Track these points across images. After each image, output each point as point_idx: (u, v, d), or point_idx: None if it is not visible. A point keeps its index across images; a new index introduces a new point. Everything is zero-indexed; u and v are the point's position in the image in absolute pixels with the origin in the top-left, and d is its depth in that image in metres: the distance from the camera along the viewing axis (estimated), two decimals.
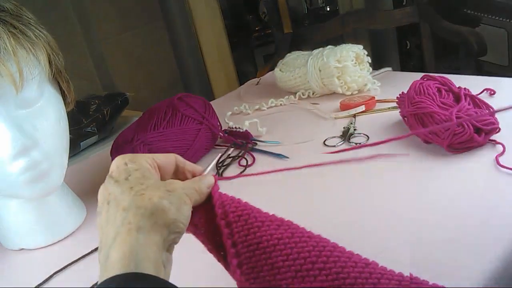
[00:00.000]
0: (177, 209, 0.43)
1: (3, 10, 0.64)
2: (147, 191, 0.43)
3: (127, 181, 0.44)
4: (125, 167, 0.46)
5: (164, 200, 0.42)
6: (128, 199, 0.42)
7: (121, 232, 0.41)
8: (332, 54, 1.07)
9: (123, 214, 0.42)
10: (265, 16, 2.75)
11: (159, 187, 0.44)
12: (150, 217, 0.41)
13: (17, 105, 0.67)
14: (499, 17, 1.85)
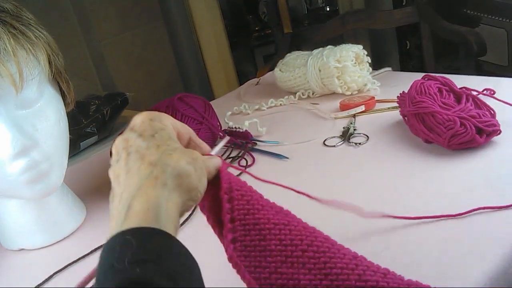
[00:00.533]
0: (199, 178, 0.44)
1: (3, 10, 0.64)
2: (175, 153, 0.43)
3: (153, 138, 0.44)
4: (151, 123, 0.46)
5: (190, 166, 0.43)
6: (156, 155, 0.42)
7: (146, 184, 0.40)
8: (332, 54, 1.07)
9: (150, 168, 0.41)
10: (265, 16, 2.75)
11: (185, 152, 0.44)
12: (177, 178, 0.42)
13: (17, 105, 0.67)
14: (499, 17, 1.85)
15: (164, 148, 0.43)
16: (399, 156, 0.78)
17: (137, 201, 0.39)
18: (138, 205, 0.39)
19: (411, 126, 0.82)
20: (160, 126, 0.46)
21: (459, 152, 0.74)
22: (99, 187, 0.95)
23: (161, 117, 0.47)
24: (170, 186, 0.41)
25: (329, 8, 2.64)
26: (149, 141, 0.44)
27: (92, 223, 0.83)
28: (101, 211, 0.85)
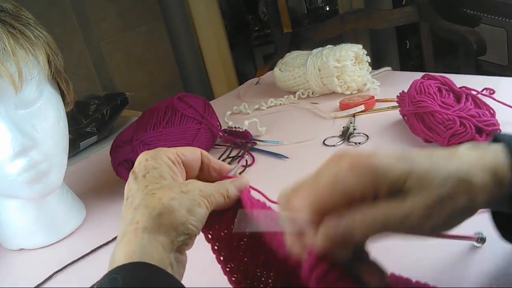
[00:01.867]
0: (188, 211, 0.42)
1: (2, 10, 0.64)
2: (159, 191, 0.43)
3: (144, 179, 0.44)
4: (146, 163, 0.46)
5: (175, 201, 0.42)
6: (140, 198, 0.43)
7: (128, 231, 0.41)
8: (331, 53, 1.07)
9: (133, 213, 0.42)
10: (264, 16, 2.75)
11: (172, 187, 0.43)
12: (157, 218, 0.41)
13: (17, 105, 0.67)
14: (499, 16, 1.86)
15: (150, 188, 0.43)
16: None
17: (119, 250, 0.41)
18: (120, 254, 0.40)
19: (411, 126, 0.82)
20: (153, 165, 0.45)
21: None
22: (99, 187, 0.95)
23: (158, 154, 0.47)
24: (151, 229, 0.40)
25: (328, 7, 2.64)
26: (139, 183, 0.44)
27: (92, 223, 0.83)
28: (101, 211, 0.85)
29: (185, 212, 0.42)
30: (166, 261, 0.40)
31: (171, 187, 0.43)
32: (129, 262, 0.38)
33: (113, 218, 0.82)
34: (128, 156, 0.85)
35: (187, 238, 0.42)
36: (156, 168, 0.45)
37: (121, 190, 0.89)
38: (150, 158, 0.46)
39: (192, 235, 0.43)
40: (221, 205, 0.46)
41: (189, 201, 0.43)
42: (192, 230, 0.42)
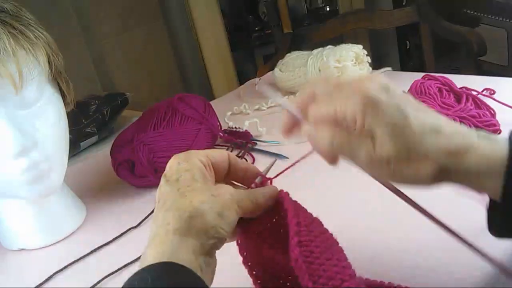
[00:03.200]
0: (218, 214, 0.42)
1: (2, 10, 0.64)
2: (190, 194, 0.43)
3: (176, 182, 0.44)
4: (177, 167, 0.46)
5: (205, 204, 0.42)
6: (171, 200, 0.43)
7: (159, 232, 0.41)
8: (331, 54, 1.07)
9: (165, 215, 0.42)
10: (265, 16, 2.75)
11: (204, 190, 0.44)
12: (187, 220, 0.41)
13: (17, 105, 0.67)
14: (499, 17, 1.86)
15: (182, 190, 0.43)
16: None
17: (150, 250, 0.41)
18: (150, 254, 0.40)
19: None
20: (186, 167, 0.45)
21: None
22: (99, 187, 0.95)
23: (189, 157, 0.47)
24: (181, 231, 0.41)
25: (329, 8, 2.64)
26: (172, 186, 0.44)
27: (92, 223, 0.83)
28: (101, 211, 0.85)
29: (215, 216, 0.42)
30: (195, 263, 0.40)
31: (202, 190, 0.44)
32: (159, 262, 0.39)
33: (113, 218, 0.82)
34: (128, 156, 0.85)
35: (216, 241, 0.42)
36: (188, 170, 0.45)
37: (121, 190, 0.90)
38: (182, 161, 0.46)
39: (222, 239, 0.43)
40: (251, 212, 0.46)
41: (220, 205, 0.43)
42: (222, 234, 0.42)
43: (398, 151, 0.42)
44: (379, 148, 0.42)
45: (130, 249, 0.71)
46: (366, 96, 0.42)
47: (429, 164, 0.42)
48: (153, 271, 0.38)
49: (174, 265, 0.39)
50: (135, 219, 0.79)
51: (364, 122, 0.43)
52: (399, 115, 0.42)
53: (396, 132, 0.42)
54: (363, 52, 1.08)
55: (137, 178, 0.85)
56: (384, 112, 0.42)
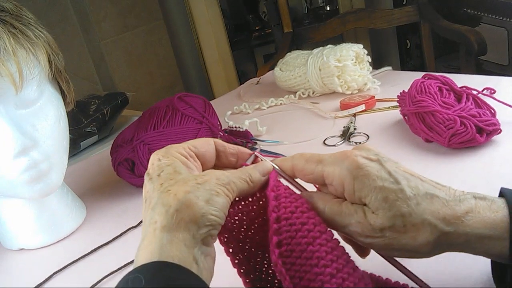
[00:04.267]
0: (206, 201, 0.41)
1: (3, 10, 0.64)
2: (174, 187, 0.42)
3: (159, 178, 0.44)
4: (158, 163, 0.45)
5: (190, 194, 0.41)
6: (156, 197, 0.42)
7: (148, 232, 0.41)
8: (332, 53, 1.07)
9: (151, 213, 0.41)
10: (265, 16, 2.75)
11: (187, 180, 0.43)
12: (174, 215, 0.40)
13: (17, 105, 0.67)
14: (499, 16, 1.85)
15: (165, 185, 0.42)
16: (399, 155, 0.78)
17: (141, 251, 0.40)
18: (141, 255, 0.40)
19: (411, 125, 0.82)
20: (167, 162, 0.45)
21: (459, 151, 0.74)
22: (99, 187, 0.95)
23: (169, 152, 0.46)
24: (169, 227, 0.40)
25: (329, 7, 2.64)
26: (155, 183, 0.43)
27: (92, 222, 0.83)
28: (101, 211, 0.85)
29: (203, 204, 0.41)
30: (189, 258, 0.39)
31: (185, 180, 0.43)
32: (151, 262, 0.38)
33: (113, 218, 0.82)
34: (128, 155, 0.85)
35: (210, 229, 0.41)
36: (170, 164, 0.44)
37: (121, 190, 0.90)
38: (162, 157, 0.45)
39: (216, 225, 0.42)
40: (246, 191, 0.45)
41: (206, 192, 0.42)
42: (214, 220, 0.41)
43: (392, 218, 0.41)
44: (372, 216, 0.41)
45: (130, 249, 0.71)
46: (354, 163, 0.42)
47: (427, 231, 0.41)
48: (146, 271, 0.38)
49: (167, 263, 0.38)
50: (135, 218, 0.79)
51: (354, 189, 0.42)
52: (391, 181, 0.41)
53: (389, 198, 0.41)
54: (363, 52, 1.09)
55: (137, 178, 0.85)
56: (374, 178, 0.41)
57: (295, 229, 0.42)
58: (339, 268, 0.41)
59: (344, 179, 0.42)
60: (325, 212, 0.44)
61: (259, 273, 0.46)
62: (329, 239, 0.42)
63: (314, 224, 0.42)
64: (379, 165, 0.42)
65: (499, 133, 0.74)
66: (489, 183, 0.66)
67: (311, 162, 0.45)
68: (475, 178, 0.68)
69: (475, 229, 0.41)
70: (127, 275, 0.38)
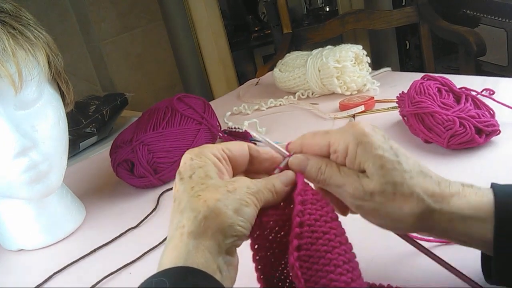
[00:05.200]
0: (235, 211, 0.41)
1: (2, 11, 0.64)
2: (204, 192, 0.41)
3: (190, 180, 0.43)
4: (191, 163, 0.44)
5: (220, 202, 0.40)
6: (185, 201, 0.41)
7: (174, 235, 0.40)
8: (331, 54, 1.07)
9: (179, 217, 0.41)
10: (264, 16, 2.75)
11: (218, 187, 0.42)
12: (202, 222, 0.40)
13: (16, 106, 0.67)
14: (498, 17, 1.86)
15: (196, 189, 0.42)
16: None
17: (166, 255, 0.40)
18: (166, 259, 0.39)
19: (411, 126, 0.82)
20: (199, 164, 0.44)
21: (459, 152, 0.74)
22: (99, 187, 0.95)
23: (202, 152, 0.45)
24: (196, 233, 0.39)
25: (328, 8, 2.64)
26: (186, 184, 0.43)
27: (92, 223, 0.83)
28: (101, 212, 0.85)
29: (232, 214, 0.40)
30: (213, 266, 0.39)
31: (216, 186, 0.42)
32: (176, 266, 0.38)
33: (113, 219, 0.82)
34: (127, 156, 0.85)
35: (236, 239, 0.41)
36: (202, 167, 0.44)
37: (120, 191, 0.90)
38: (195, 157, 0.44)
39: (241, 236, 0.41)
40: (270, 202, 0.45)
41: (236, 201, 0.41)
42: (240, 231, 0.41)
43: (384, 185, 0.42)
44: (366, 180, 0.43)
45: (130, 249, 0.71)
46: (361, 130, 0.44)
47: (414, 202, 0.42)
48: (170, 275, 0.37)
49: (192, 269, 0.38)
50: (134, 219, 0.79)
51: (356, 154, 0.44)
52: (392, 153, 0.43)
53: (385, 167, 0.42)
54: (362, 52, 1.09)
55: (137, 178, 0.85)
56: (377, 146, 0.43)
57: (316, 236, 0.43)
58: (353, 279, 0.42)
59: (348, 144, 0.44)
60: (324, 172, 0.46)
61: (275, 272, 0.46)
62: (347, 250, 0.43)
63: (335, 235, 0.43)
64: (383, 137, 0.44)
65: (498, 134, 0.74)
66: (488, 183, 0.66)
67: (319, 134, 0.48)
68: (474, 179, 0.67)
69: (460, 209, 0.43)
70: (151, 277, 0.38)
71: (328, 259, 0.42)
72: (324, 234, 0.43)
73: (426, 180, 0.43)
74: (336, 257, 0.42)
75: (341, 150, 0.45)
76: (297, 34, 2.00)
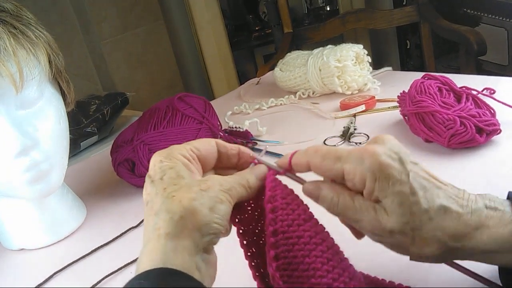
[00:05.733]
0: (210, 209, 0.41)
1: (3, 10, 0.64)
2: (178, 193, 0.41)
3: (161, 181, 0.43)
4: (160, 165, 0.44)
5: (196, 201, 0.40)
6: (159, 202, 0.41)
7: (151, 238, 0.40)
8: (332, 53, 1.07)
9: (155, 219, 0.40)
10: (265, 16, 2.75)
11: (191, 186, 0.42)
12: (179, 222, 0.40)
13: (17, 105, 0.67)
14: (499, 16, 1.85)
15: (169, 190, 0.41)
16: None
17: (144, 257, 0.39)
18: (144, 262, 0.39)
19: (411, 126, 0.82)
20: (169, 165, 0.44)
21: (459, 151, 0.74)
22: (99, 187, 0.95)
23: (172, 154, 0.45)
24: (174, 234, 0.39)
25: (329, 7, 2.64)
26: (157, 186, 0.42)
27: (92, 222, 0.83)
28: (101, 211, 0.85)
29: (207, 212, 0.41)
30: (192, 266, 0.39)
31: (190, 186, 0.42)
32: (154, 268, 0.38)
33: (113, 218, 0.82)
34: (128, 156, 0.85)
35: (213, 237, 0.41)
36: (172, 167, 0.43)
37: (121, 190, 0.90)
38: (164, 159, 0.44)
39: (218, 233, 0.41)
40: (244, 197, 0.45)
41: (211, 199, 0.41)
42: (217, 228, 0.41)
43: (403, 225, 0.41)
44: (384, 217, 0.42)
45: (130, 249, 0.71)
46: (378, 162, 0.41)
47: (435, 246, 0.41)
48: (149, 277, 0.37)
49: (170, 270, 0.38)
50: (135, 219, 0.79)
51: (374, 189, 0.42)
52: (409, 187, 0.41)
53: (404, 204, 0.41)
54: (363, 52, 1.09)
55: (137, 178, 0.85)
56: (395, 181, 0.41)
57: (292, 242, 0.42)
58: (335, 278, 0.42)
59: (365, 177, 0.42)
60: (338, 205, 0.44)
61: None
62: (324, 250, 0.43)
63: (310, 237, 0.43)
64: (400, 165, 0.42)
65: (499, 133, 0.74)
66: (489, 183, 0.66)
67: (329, 159, 0.44)
68: (475, 178, 0.68)
69: (482, 244, 0.41)
70: (130, 281, 0.38)
71: (307, 263, 0.42)
72: (299, 238, 0.43)
73: (446, 217, 0.41)
74: (314, 260, 0.42)
75: (358, 183, 0.42)
76: (297, 34, 2.00)
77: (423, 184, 0.42)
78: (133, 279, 0.38)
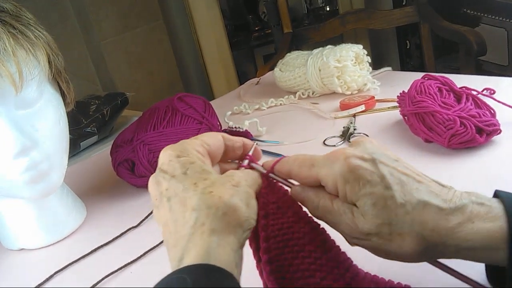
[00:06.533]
0: (247, 205, 0.41)
1: (2, 10, 0.64)
2: (214, 188, 0.40)
3: (186, 176, 0.42)
4: (179, 160, 0.43)
5: (235, 197, 0.40)
6: (196, 198, 0.40)
7: (194, 233, 0.39)
8: (332, 53, 1.07)
9: (194, 214, 0.39)
10: (265, 16, 2.75)
11: (224, 182, 0.42)
12: (222, 218, 0.39)
13: (17, 105, 0.67)
14: (499, 16, 1.86)
15: (201, 185, 0.41)
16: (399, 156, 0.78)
17: (188, 255, 0.38)
18: (188, 257, 0.38)
19: (411, 126, 0.82)
20: (189, 160, 0.43)
21: (459, 152, 0.74)
22: (100, 186, 0.95)
23: (186, 148, 0.44)
24: (218, 229, 0.39)
25: (329, 7, 2.65)
26: (183, 181, 0.41)
27: (92, 222, 0.83)
28: (101, 211, 0.85)
29: (245, 208, 0.41)
30: (233, 262, 0.38)
31: (222, 182, 0.41)
32: (198, 264, 0.37)
33: (113, 218, 0.82)
34: (128, 156, 0.85)
35: (248, 233, 0.41)
36: (193, 162, 0.43)
37: (121, 190, 0.90)
38: (181, 153, 0.43)
39: (252, 229, 0.42)
40: (257, 193, 0.45)
41: (244, 195, 0.41)
42: (253, 224, 0.41)
43: (379, 226, 0.40)
44: (359, 219, 0.41)
45: (130, 249, 0.71)
46: (346, 165, 0.41)
47: (414, 241, 0.40)
48: (191, 272, 0.36)
49: (212, 267, 0.37)
50: (135, 219, 0.79)
51: (345, 192, 0.42)
52: (382, 185, 0.40)
53: (377, 205, 0.40)
54: (363, 52, 1.09)
55: (137, 178, 0.85)
56: (365, 182, 0.40)
57: (283, 245, 0.43)
58: (323, 276, 0.42)
59: (337, 182, 0.42)
60: (318, 209, 0.44)
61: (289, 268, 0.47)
62: (312, 249, 0.43)
63: (298, 239, 0.44)
64: (372, 165, 0.41)
65: (499, 133, 0.74)
66: (489, 183, 0.66)
67: (305, 166, 0.45)
68: (475, 178, 0.68)
69: (466, 241, 0.39)
70: (170, 274, 0.37)
71: (296, 265, 0.42)
72: (288, 241, 0.43)
73: (426, 211, 0.40)
74: (301, 261, 0.43)
75: (331, 188, 0.43)
76: (297, 34, 2.00)
77: (401, 179, 0.41)
78: (173, 272, 0.37)
